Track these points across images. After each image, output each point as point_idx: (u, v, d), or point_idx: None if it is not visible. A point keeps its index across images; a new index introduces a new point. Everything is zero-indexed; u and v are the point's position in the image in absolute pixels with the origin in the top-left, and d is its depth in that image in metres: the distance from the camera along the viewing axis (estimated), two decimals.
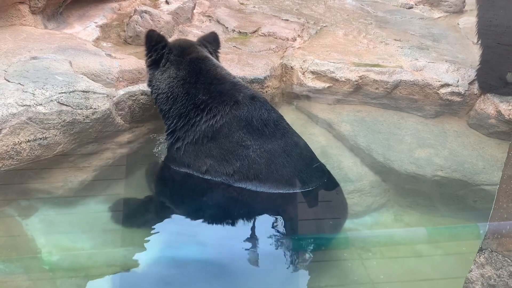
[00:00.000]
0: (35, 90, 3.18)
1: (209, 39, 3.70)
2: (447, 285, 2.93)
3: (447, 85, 4.32)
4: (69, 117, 3.16)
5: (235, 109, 3.17)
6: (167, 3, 5.57)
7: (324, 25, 5.70)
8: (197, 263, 2.85)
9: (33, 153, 3.08)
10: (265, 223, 3.11)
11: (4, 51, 3.71)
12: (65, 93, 3.22)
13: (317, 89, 4.45)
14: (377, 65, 4.56)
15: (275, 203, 3.15)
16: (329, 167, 3.45)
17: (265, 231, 3.04)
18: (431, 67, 4.55)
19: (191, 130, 3.22)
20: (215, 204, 3.24)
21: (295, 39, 5.21)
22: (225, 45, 3.95)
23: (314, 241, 3.08)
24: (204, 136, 3.18)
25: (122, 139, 3.56)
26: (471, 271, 2.22)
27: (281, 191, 3.10)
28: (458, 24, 6.12)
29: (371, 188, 3.69)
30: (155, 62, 3.46)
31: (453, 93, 4.30)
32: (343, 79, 4.41)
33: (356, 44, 5.17)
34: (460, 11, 6.57)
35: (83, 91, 3.30)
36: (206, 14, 5.65)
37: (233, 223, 3.14)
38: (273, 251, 2.98)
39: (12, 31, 4.15)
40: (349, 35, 5.45)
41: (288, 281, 2.90)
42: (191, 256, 2.90)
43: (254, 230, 3.06)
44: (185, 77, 3.33)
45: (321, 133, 4.21)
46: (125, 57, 4.12)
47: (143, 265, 2.88)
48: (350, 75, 4.43)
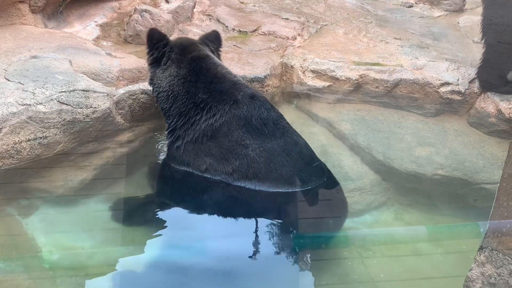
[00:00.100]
0: (35, 89, 3.18)
1: (210, 38, 3.70)
2: (447, 284, 2.92)
3: (447, 83, 4.32)
4: (69, 116, 3.15)
5: (234, 108, 3.17)
6: (167, 2, 5.57)
7: (324, 24, 5.70)
8: (197, 262, 2.85)
9: (33, 152, 3.08)
10: (265, 222, 3.10)
11: (4, 50, 3.71)
12: (65, 92, 3.22)
13: (317, 88, 4.45)
14: (377, 64, 4.56)
15: (275, 202, 3.15)
16: (329, 165, 3.45)
17: (265, 230, 3.04)
18: (431, 65, 4.55)
19: (191, 129, 3.22)
20: (215, 203, 3.25)
21: (295, 38, 5.21)
22: (225, 44, 3.95)
23: (314, 240, 3.08)
24: (203, 135, 3.18)
25: (122, 138, 3.55)
26: (471, 270, 2.22)
27: (281, 190, 3.10)
28: (458, 22, 6.11)
29: (372, 186, 3.68)
30: (156, 60, 3.46)
31: (453, 92, 4.30)
32: (343, 78, 4.41)
33: (356, 43, 5.17)
34: (460, 10, 6.57)
35: (83, 90, 3.30)
36: (206, 13, 5.65)
37: (233, 222, 3.14)
38: (273, 250, 2.98)
39: (12, 30, 4.15)
40: (349, 34, 5.45)
41: (288, 279, 2.90)
42: (191, 254, 2.90)
43: (254, 229, 3.06)
44: (186, 75, 3.33)
45: (321, 132, 4.21)
46: (125, 56, 4.12)
47: (143, 264, 2.88)
48: (350, 74, 4.42)
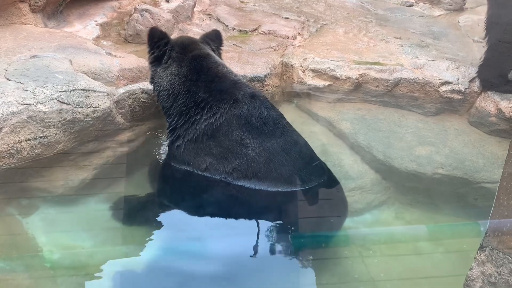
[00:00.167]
0: (36, 88, 3.17)
1: (211, 37, 3.70)
2: (447, 283, 2.92)
3: (448, 83, 4.31)
4: (69, 115, 3.15)
5: (234, 108, 3.17)
6: (167, 1, 5.56)
7: (324, 23, 5.69)
8: (197, 261, 2.85)
9: (34, 152, 3.08)
10: (265, 221, 3.11)
11: (4, 50, 3.71)
12: (65, 91, 3.22)
13: (318, 87, 4.44)
14: (378, 63, 4.56)
15: (275, 201, 3.14)
16: (329, 165, 3.45)
17: (265, 230, 3.04)
18: (432, 65, 4.55)
19: (191, 128, 3.22)
20: (216, 202, 3.25)
21: (296, 37, 5.20)
22: (225, 43, 3.95)
23: (314, 239, 3.08)
24: (204, 134, 3.18)
25: (122, 137, 3.55)
26: (471, 269, 2.22)
27: (280, 190, 3.10)
28: (458, 22, 6.11)
29: (372, 185, 3.68)
30: (157, 59, 3.46)
31: (453, 91, 4.29)
32: (343, 77, 4.41)
33: (356, 42, 5.17)
34: (460, 9, 6.56)
35: (84, 90, 3.30)
36: (206, 12, 5.64)
37: (233, 221, 3.14)
38: (274, 249, 2.98)
39: (12, 30, 4.15)
40: (350, 33, 5.45)
41: (288, 279, 2.90)
42: (191, 253, 2.90)
43: (254, 228, 3.06)
44: (187, 74, 3.33)
45: (321, 131, 4.21)
46: (125, 56, 4.12)
47: (144, 263, 2.87)
48: (350, 73, 4.42)
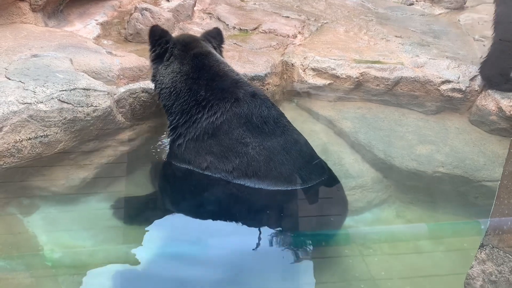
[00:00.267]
0: (36, 87, 3.17)
1: (212, 34, 3.70)
2: (448, 282, 2.92)
3: (448, 81, 4.31)
4: (70, 114, 3.15)
5: (235, 106, 3.16)
6: (168, 0, 5.56)
7: (325, 22, 5.68)
8: (198, 260, 2.85)
9: (34, 151, 3.07)
10: (265, 220, 3.10)
11: (4, 49, 3.70)
12: (66, 90, 3.22)
13: (318, 86, 4.44)
14: (378, 62, 4.55)
15: (275, 200, 3.14)
16: (330, 163, 3.45)
17: (265, 228, 3.04)
18: (432, 63, 4.54)
19: (192, 126, 3.22)
20: (217, 201, 3.24)
21: (296, 36, 5.20)
22: (225, 42, 3.96)
23: (315, 238, 3.08)
24: (204, 133, 3.17)
25: (123, 136, 3.55)
26: (472, 267, 2.22)
27: (280, 188, 3.09)
28: (459, 20, 6.10)
29: (373, 184, 3.68)
30: (159, 56, 3.45)
31: (454, 90, 4.28)
32: (344, 76, 4.40)
33: (357, 40, 5.16)
34: (461, 8, 6.55)
35: (84, 89, 3.29)
36: (206, 11, 5.63)
37: (234, 220, 3.14)
38: (274, 248, 2.97)
39: (12, 29, 4.14)
40: (350, 31, 5.44)
41: (289, 277, 2.90)
42: (192, 252, 2.89)
43: (254, 227, 3.06)
44: (188, 72, 3.32)
45: (322, 130, 4.20)
46: (126, 55, 4.12)
47: (144, 262, 2.88)
48: (351, 72, 4.41)
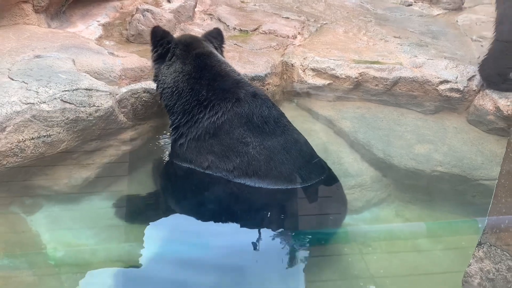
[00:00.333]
0: (39, 88, 3.17)
1: (213, 35, 3.70)
2: (446, 279, 2.92)
3: (446, 81, 4.31)
4: (72, 114, 3.15)
5: (236, 106, 3.16)
6: (169, 1, 5.56)
7: (324, 22, 5.68)
8: (199, 258, 2.85)
9: (37, 151, 3.07)
10: (265, 218, 3.10)
11: (8, 50, 3.71)
12: (68, 91, 3.22)
13: (318, 86, 4.44)
14: (377, 62, 4.55)
15: (275, 199, 3.14)
16: (329, 163, 3.45)
17: (265, 227, 3.04)
18: (430, 63, 4.54)
19: (194, 126, 3.22)
20: (217, 199, 3.25)
21: (296, 37, 5.20)
22: (226, 42, 3.97)
23: (314, 236, 3.08)
24: (206, 132, 3.17)
25: (125, 136, 3.55)
26: (470, 265, 2.22)
27: (280, 187, 3.09)
28: (457, 21, 6.10)
29: (372, 183, 3.68)
30: (161, 56, 3.45)
31: (452, 90, 4.28)
32: (343, 76, 4.40)
33: (356, 41, 5.16)
34: (459, 8, 6.55)
35: (86, 89, 3.30)
36: (207, 12, 5.64)
37: (235, 218, 3.14)
38: (275, 246, 2.98)
39: (15, 30, 4.15)
40: (349, 32, 5.44)
41: (289, 275, 2.90)
42: (193, 251, 2.90)
43: (255, 225, 3.05)
44: (191, 72, 3.32)
45: (321, 129, 4.20)
46: (128, 55, 4.12)
47: (146, 260, 2.88)
48: (350, 72, 4.41)
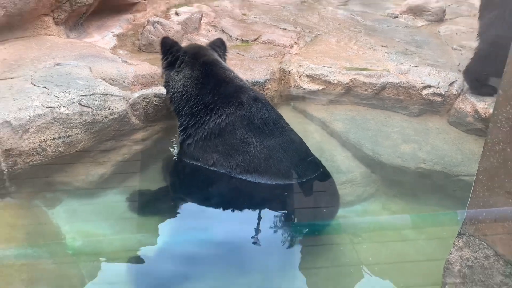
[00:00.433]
0: (59, 93, 3.19)
1: (217, 44, 3.73)
2: (429, 266, 2.93)
3: (429, 86, 4.31)
4: (89, 117, 3.17)
5: (239, 109, 3.18)
6: (177, 14, 5.57)
7: (318, 33, 5.69)
8: (204, 246, 2.87)
9: (57, 150, 3.09)
10: (265, 212, 3.12)
11: (31, 58, 3.72)
12: (85, 95, 3.24)
13: (312, 91, 4.45)
14: (366, 69, 4.56)
15: (274, 193, 3.15)
16: (323, 160, 3.46)
17: (265, 219, 3.05)
18: (415, 70, 4.55)
19: (200, 127, 3.24)
20: (221, 193, 3.26)
21: (292, 46, 5.21)
22: (229, 51, 3.98)
23: (309, 228, 3.09)
24: (211, 133, 3.19)
25: (137, 136, 3.57)
26: (451, 254, 2.23)
27: (278, 183, 3.11)
28: (439, 31, 6.10)
29: (362, 179, 3.69)
30: (170, 64, 3.47)
31: (434, 94, 4.29)
32: (335, 82, 4.41)
33: (347, 50, 5.17)
34: (440, 20, 6.55)
35: (102, 94, 3.32)
36: (212, 24, 5.64)
37: (236, 211, 3.15)
38: (272, 236, 2.99)
39: (37, 40, 4.17)
40: (341, 42, 5.45)
41: (286, 263, 2.91)
42: (199, 240, 2.91)
43: (255, 218, 3.07)
44: (198, 77, 3.34)
45: (316, 130, 4.21)
46: (139, 63, 4.13)
47: (157, 249, 2.90)
48: (341, 78, 4.42)
